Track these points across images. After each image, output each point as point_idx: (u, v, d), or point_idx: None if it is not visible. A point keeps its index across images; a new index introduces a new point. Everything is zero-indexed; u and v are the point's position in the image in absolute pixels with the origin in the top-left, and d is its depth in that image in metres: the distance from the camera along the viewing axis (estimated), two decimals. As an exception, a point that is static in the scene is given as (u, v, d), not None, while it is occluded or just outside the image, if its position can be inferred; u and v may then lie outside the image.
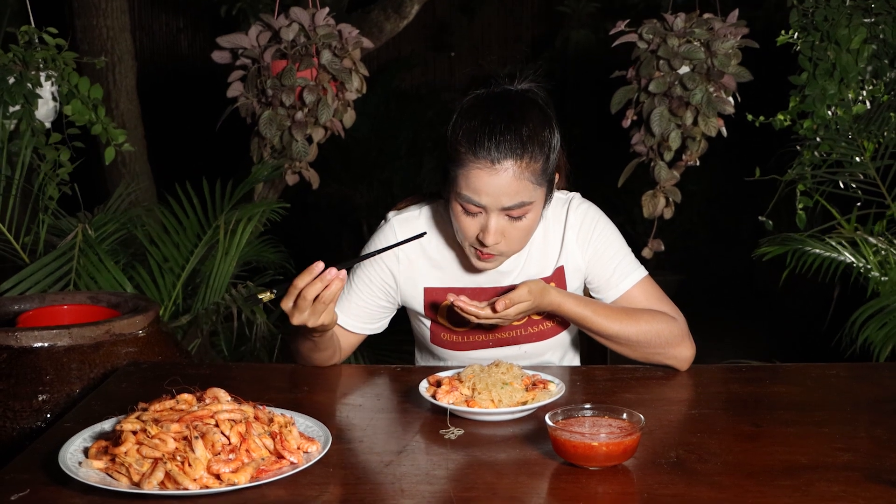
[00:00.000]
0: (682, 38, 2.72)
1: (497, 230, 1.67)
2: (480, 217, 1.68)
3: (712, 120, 2.74)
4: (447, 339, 1.89)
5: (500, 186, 1.63)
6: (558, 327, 1.89)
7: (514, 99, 1.71)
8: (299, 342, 1.78)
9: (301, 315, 1.58)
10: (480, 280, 1.85)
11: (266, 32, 2.77)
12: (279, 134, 2.79)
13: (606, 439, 1.29)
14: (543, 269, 1.87)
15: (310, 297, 1.55)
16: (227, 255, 2.91)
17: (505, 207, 1.65)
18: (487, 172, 1.63)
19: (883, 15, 2.97)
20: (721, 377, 1.80)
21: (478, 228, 1.68)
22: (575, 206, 1.87)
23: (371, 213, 6.47)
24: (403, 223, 1.86)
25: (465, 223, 1.69)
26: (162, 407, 1.35)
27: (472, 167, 1.64)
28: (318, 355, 1.80)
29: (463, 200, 1.66)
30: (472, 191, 1.65)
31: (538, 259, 1.86)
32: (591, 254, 1.86)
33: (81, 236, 2.69)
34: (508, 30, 7.17)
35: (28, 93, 2.72)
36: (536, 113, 1.69)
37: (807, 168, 3.10)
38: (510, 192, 1.64)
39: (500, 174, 1.63)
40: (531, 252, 1.86)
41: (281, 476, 1.25)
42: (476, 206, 1.66)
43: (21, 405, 1.79)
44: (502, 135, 1.63)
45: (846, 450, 1.37)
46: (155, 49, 7.07)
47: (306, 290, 1.55)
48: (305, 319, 1.58)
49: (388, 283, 1.86)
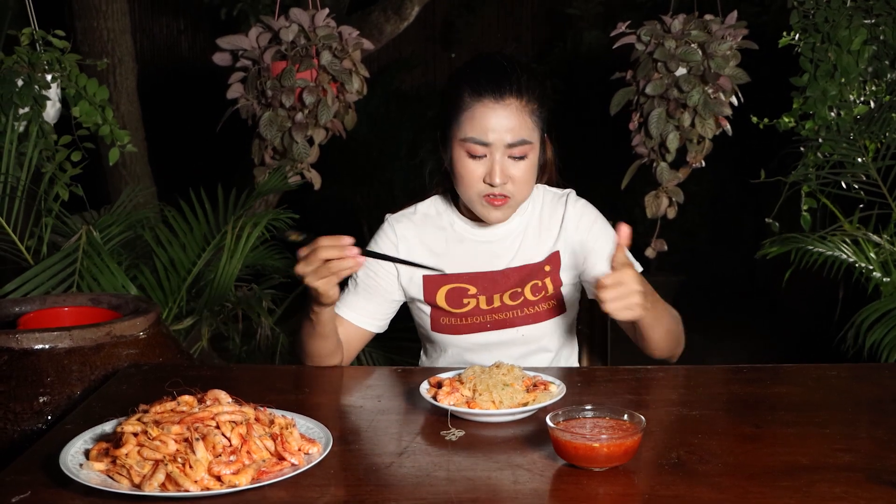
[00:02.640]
0: (679, 40, 2.72)
1: (503, 170, 1.77)
2: (485, 161, 1.78)
3: (710, 121, 2.74)
4: (447, 324, 1.93)
5: (504, 123, 1.76)
6: (552, 311, 1.93)
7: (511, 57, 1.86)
8: (304, 331, 1.81)
9: (307, 266, 1.60)
10: (478, 264, 1.92)
11: (266, 34, 2.77)
12: (280, 135, 2.79)
13: (607, 440, 1.28)
14: (538, 254, 1.93)
15: (322, 256, 1.59)
16: (233, 258, 2.92)
17: (509, 144, 1.76)
18: (492, 109, 1.76)
19: (883, 16, 2.97)
20: (722, 378, 1.80)
21: (483, 172, 1.78)
22: (573, 201, 1.96)
23: (371, 214, 6.47)
24: (400, 219, 1.97)
25: (471, 168, 1.79)
26: (163, 409, 1.35)
27: (477, 107, 1.76)
28: (320, 343, 1.81)
29: (469, 142, 1.77)
30: (477, 130, 1.76)
31: (533, 245, 1.93)
32: (591, 246, 1.92)
33: (85, 238, 2.69)
34: (508, 30, 7.17)
35: (37, 95, 2.72)
36: (528, 68, 1.85)
37: (811, 169, 3.10)
38: (514, 128, 1.76)
39: (502, 109, 1.76)
40: (526, 237, 1.93)
41: (282, 478, 1.25)
42: (482, 144, 1.76)
43: (22, 407, 1.79)
44: (504, 76, 1.77)
45: (847, 450, 1.37)
46: (155, 51, 7.07)
47: (323, 249, 1.59)
48: (307, 273, 1.61)
49: (390, 273, 1.94)
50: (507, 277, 1.91)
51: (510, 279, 1.91)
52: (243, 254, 2.95)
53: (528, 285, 1.91)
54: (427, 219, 1.97)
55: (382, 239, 1.96)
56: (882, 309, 2.87)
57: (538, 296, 1.91)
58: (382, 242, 1.96)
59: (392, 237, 1.95)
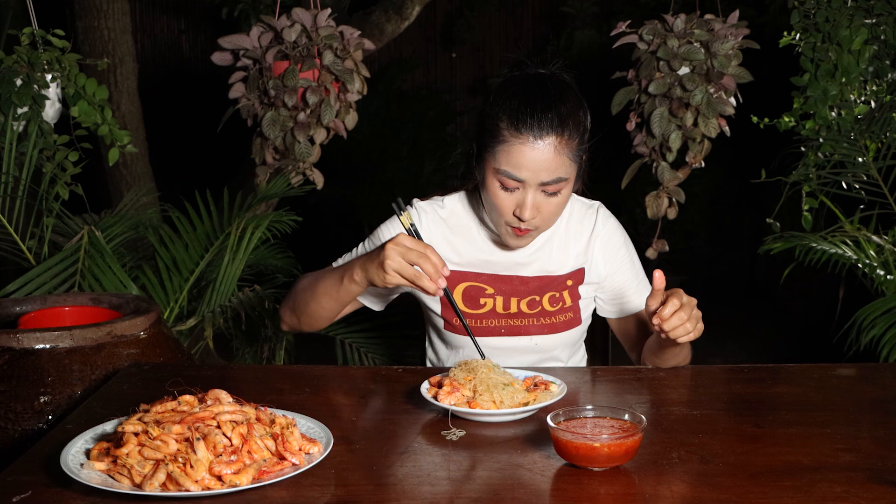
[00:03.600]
0: (681, 39, 2.72)
1: (534, 205, 1.74)
2: (517, 193, 1.74)
3: (712, 121, 2.74)
4: (461, 325, 1.91)
5: (541, 161, 1.70)
6: (568, 324, 1.92)
7: (550, 80, 1.79)
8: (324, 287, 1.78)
9: (396, 256, 1.59)
10: (498, 268, 1.90)
11: (268, 33, 2.77)
12: (282, 135, 2.79)
13: (608, 440, 1.28)
14: (562, 266, 1.92)
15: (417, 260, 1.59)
16: (235, 259, 2.92)
17: (543, 182, 1.72)
18: (529, 148, 1.70)
19: (884, 16, 2.97)
20: (723, 378, 1.80)
21: (514, 204, 1.75)
22: (603, 218, 1.95)
23: (372, 214, 6.47)
24: (427, 206, 1.95)
25: (502, 199, 1.75)
26: (163, 408, 1.35)
27: (514, 143, 1.71)
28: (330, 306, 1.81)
29: (502, 176, 1.73)
30: (512, 166, 1.71)
31: (558, 256, 1.92)
32: (614, 269, 1.94)
33: (87, 238, 2.69)
34: (509, 30, 7.17)
35: (35, 94, 2.72)
36: (572, 94, 1.78)
37: (811, 169, 3.10)
38: (550, 168, 1.71)
39: (541, 150, 1.70)
40: (553, 247, 1.92)
41: (283, 477, 1.25)
42: (515, 181, 1.72)
43: (22, 407, 1.79)
44: (544, 112, 1.70)
45: (848, 450, 1.37)
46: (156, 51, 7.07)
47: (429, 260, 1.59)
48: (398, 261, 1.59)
49: None
50: (526, 284, 1.90)
51: (529, 286, 1.90)
52: (246, 255, 2.95)
53: (546, 295, 1.91)
54: (453, 215, 1.95)
55: None
56: (883, 307, 2.87)
57: (556, 307, 1.91)
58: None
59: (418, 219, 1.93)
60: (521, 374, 1.66)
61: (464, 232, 1.93)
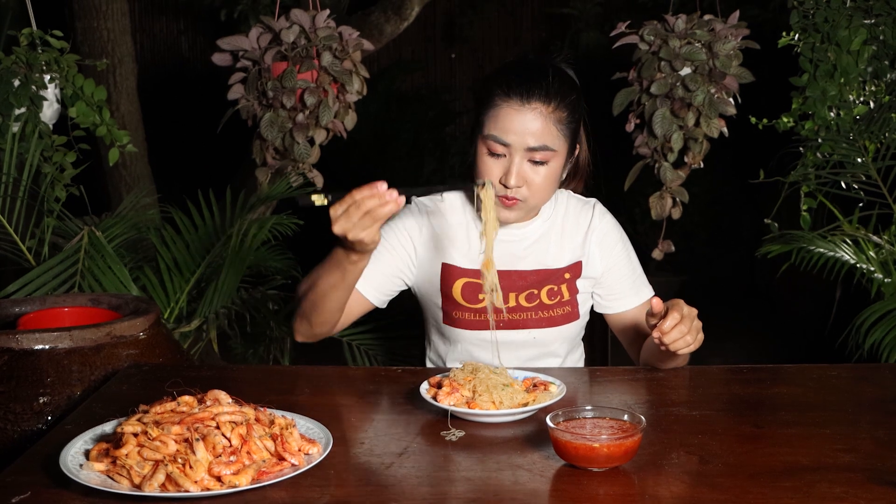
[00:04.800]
0: (683, 39, 2.72)
1: (519, 173, 1.76)
2: (504, 160, 1.77)
3: (714, 121, 2.74)
4: (459, 318, 1.92)
5: (527, 125, 1.74)
6: (566, 317, 1.93)
7: (547, 61, 1.85)
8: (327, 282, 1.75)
9: (347, 222, 1.55)
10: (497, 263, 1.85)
11: (266, 34, 2.77)
12: (281, 136, 2.79)
13: (608, 441, 1.28)
14: (559, 260, 1.93)
15: (363, 207, 1.54)
16: (238, 260, 2.92)
17: (529, 148, 1.75)
18: (516, 110, 1.74)
19: (883, 16, 2.97)
20: (722, 378, 1.80)
21: (500, 171, 1.78)
22: (600, 214, 1.97)
23: (372, 214, 6.46)
24: (428, 202, 1.97)
25: (489, 165, 1.78)
26: (163, 409, 1.35)
27: (502, 105, 1.75)
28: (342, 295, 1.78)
29: (490, 140, 1.76)
30: (499, 129, 1.75)
31: (554, 250, 1.93)
32: (611, 265, 1.95)
33: (87, 239, 2.69)
34: (509, 31, 7.17)
35: (33, 95, 2.72)
36: (567, 78, 1.83)
37: (810, 169, 3.10)
38: (536, 133, 1.75)
39: (527, 113, 1.74)
40: (550, 241, 1.93)
41: (282, 478, 1.25)
42: (502, 144, 1.76)
43: (22, 407, 1.79)
44: (534, 79, 1.76)
45: (848, 451, 1.37)
46: (156, 51, 7.07)
47: (362, 200, 1.54)
48: (349, 229, 1.56)
49: (408, 251, 1.93)
50: (524, 278, 1.92)
51: (527, 280, 1.92)
52: (248, 256, 2.95)
53: (544, 289, 1.91)
54: (452, 209, 1.95)
55: (408, 213, 1.95)
56: (882, 309, 2.87)
57: (553, 300, 1.92)
58: (408, 217, 1.95)
59: (417, 216, 1.95)
60: (521, 375, 1.66)
61: (462, 227, 1.94)
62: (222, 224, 3.06)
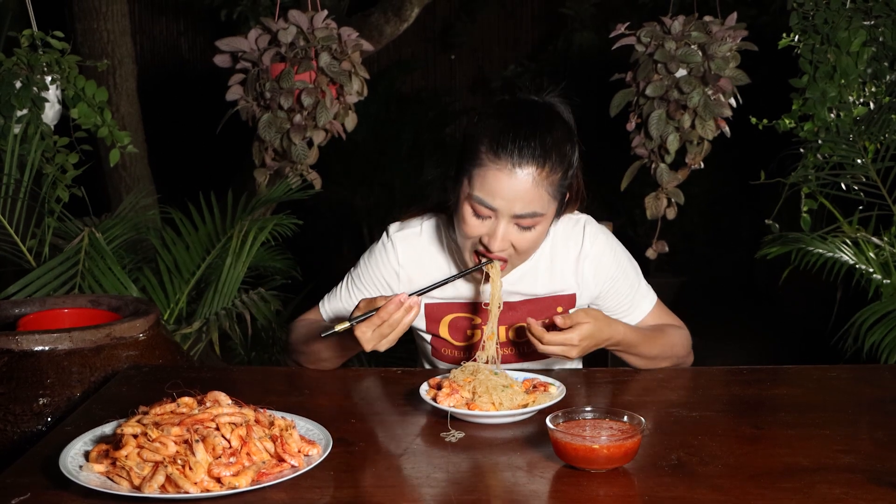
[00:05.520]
0: (679, 41, 2.72)
1: (504, 237, 1.65)
2: (489, 221, 1.65)
3: (710, 123, 2.74)
4: (448, 354, 1.90)
5: (517, 191, 1.61)
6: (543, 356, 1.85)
7: (540, 108, 1.69)
8: (324, 348, 1.75)
9: (379, 339, 1.57)
10: (483, 296, 1.82)
11: (265, 35, 2.77)
12: (279, 137, 2.80)
13: (607, 442, 1.28)
14: (550, 289, 1.85)
15: (392, 323, 1.55)
16: (238, 261, 2.92)
17: (517, 215, 1.63)
18: (507, 175, 1.60)
19: (882, 17, 2.97)
20: (722, 379, 1.80)
21: (484, 231, 1.66)
22: (591, 237, 1.84)
23: (372, 216, 6.47)
24: (404, 240, 1.85)
25: (473, 224, 1.65)
26: (163, 410, 1.35)
27: (491, 168, 1.61)
28: (330, 362, 1.79)
29: (475, 201, 1.63)
30: (486, 192, 1.62)
31: (545, 281, 1.84)
32: (608, 286, 1.86)
33: (88, 240, 2.69)
34: (508, 32, 7.17)
35: (35, 97, 2.72)
36: (561, 125, 1.68)
37: (810, 170, 3.10)
38: (525, 199, 1.62)
39: (518, 179, 1.60)
40: (539, 270, 1.83)
41: (282, 479, 1.25)
42: (488, 208, 1.63)
43: (22, 409, 1.79)
44: (526, 140, 1.60)
45: (847, 452, 1.37)
46: (155, 52, 7.07)
47: (390, 316, 1.55)
48: (381, 344, 1.58)
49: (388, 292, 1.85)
50: (515, 310, 1.84)
51: (518, 312, 1.84)
52: (248, 257, 2.95)
53: None
54: (432, 242, 1.85)
55: (382, 259, 1.85)
56: (882, 310, 2.87)
57: None
58: (382, 264, 1.85)
59: (394, 262, 1.84)
60: (520, 376, 1.66)
61: (443, 259, 1.84)
62: (222, 225, 3.06)
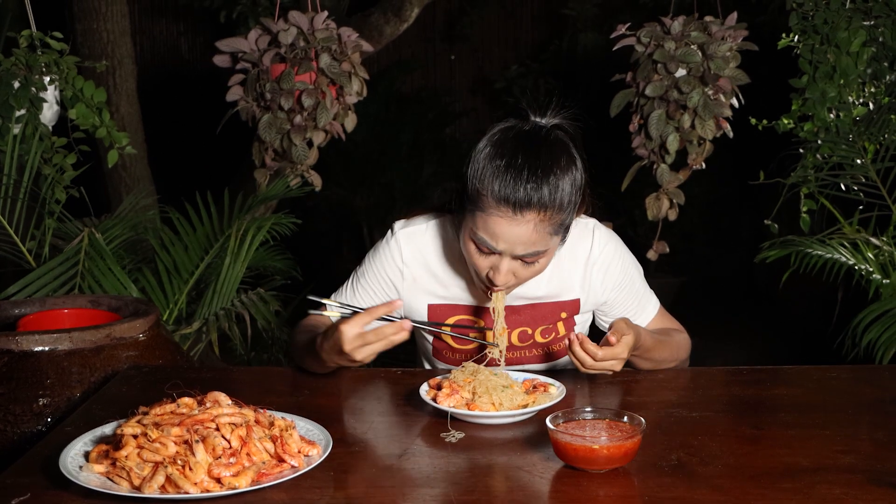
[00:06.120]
0: (679, 41, 2.72)
1: (508, 272, 1.66)
2: (493, 257, 1.66)
3: (709, 123, 2.74)
4: (450, 357, 1.90)
5: (519, 236, 1.61)
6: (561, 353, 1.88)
7: (543, 141, 1.65)
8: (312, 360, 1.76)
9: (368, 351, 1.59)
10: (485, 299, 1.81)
11: (265, 36, 2.77)
12: (279, 137, 2.80)
13: (607, 442, 1.28)
14: (555, 294, 1.85)
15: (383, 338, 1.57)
16: (237, 261, 2.92)
17: (518, 255, 1.64)
18: (507, 221, 1.60)
19: (882, 18, 2.97)
20: (722, 379, 1.80)
21: (488, 266, 1.67)
22: (600, 242, 1.83)
23: (372, 216, 6.47)
24: (409, 238, 1.85)
25: (477, 260, 1.67)
26: (163, 411, 1.35)
27: (493, 213, 1.60)
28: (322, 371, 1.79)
29: (478, 241, 1.64)
30: (489, 235, 1.62)
31: (549, 284, 1.83)
32: (615, 294, 1.86)
33: (87, 241, 2.69)
34: (508, 32, 7.17)
35: (33, 97, 2.72)
36: (564, 159, 1.64)
37: (810, 171, 3.10)
38: (527, 242, 1.62)
39: (520, 225, 1.60)
40: (543, 275, 1.81)
41: (282, 480, 1.25)
42: (491, 249, 1.64)
43: (22, 409, 1.79)
44: (527, 186, 1.58)
45: (847, 452, 1.37)
46: (155, 53, 7.07)
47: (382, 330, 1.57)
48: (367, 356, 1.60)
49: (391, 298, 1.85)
50: (518, 314, 1.84)
51: (522, 316, 1.84)
52: (247, 257, 2.95)
53: (539, 329, 1.85)
54: (437, 241, 1.84)
55: (386, 256, 1.85)
56: (880, 310, 2.87)
57: (548, 338, 1.86)
58: (387, 261, 1.85)
59: (398, 260, 1.84)
60: (521, 377, 1.66)
61: (449, 265, 1.84)
62: (220, 225, 3.06)
